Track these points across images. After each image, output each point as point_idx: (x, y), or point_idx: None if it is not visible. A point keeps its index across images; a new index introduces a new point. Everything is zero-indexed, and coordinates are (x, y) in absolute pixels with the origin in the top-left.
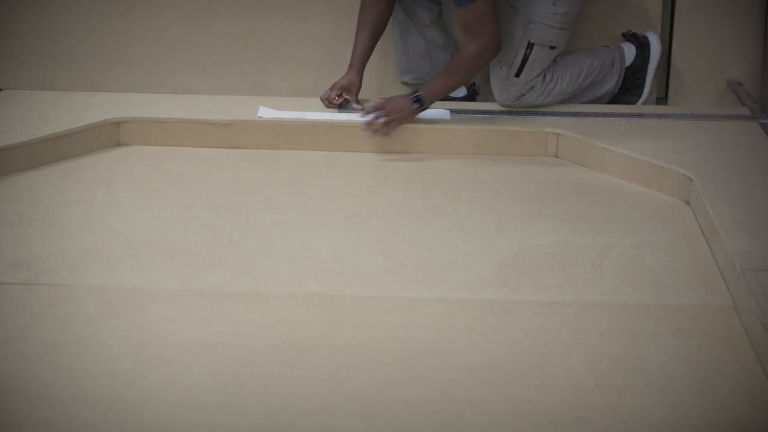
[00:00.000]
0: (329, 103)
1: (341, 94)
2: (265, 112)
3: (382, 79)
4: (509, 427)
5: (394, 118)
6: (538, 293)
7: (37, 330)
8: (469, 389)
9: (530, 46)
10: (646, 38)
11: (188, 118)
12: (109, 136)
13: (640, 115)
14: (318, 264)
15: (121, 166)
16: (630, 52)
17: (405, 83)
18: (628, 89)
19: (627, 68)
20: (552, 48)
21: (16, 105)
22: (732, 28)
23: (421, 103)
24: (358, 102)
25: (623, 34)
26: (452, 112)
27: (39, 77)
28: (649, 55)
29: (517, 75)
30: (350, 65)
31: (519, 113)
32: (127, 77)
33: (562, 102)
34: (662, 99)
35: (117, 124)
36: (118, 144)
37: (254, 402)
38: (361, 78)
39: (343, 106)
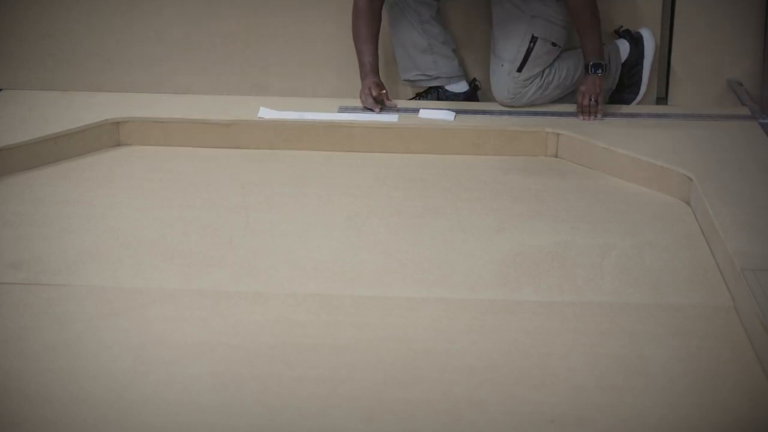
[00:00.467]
0: (373, 102)
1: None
2: (266, 113)
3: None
4: (509, 427)
5: (599, 94)
6: (538, 293)
7: (37, 330)
8: (469, 389)
9: (534, 39)
10: (639, 34)
11: (188, 118)
12: (109, 136)
13: (639, 115)
14: (318, 264)
15: (121, 166)
16: (624, 48)
17: (408, 81)
18: (625, 86)
19: (623, 64)
20: (554, 45)
21: (16, 105)
22: (732, 28)
23: (603, 68)
24: (389, 98)
25: (616, 31)
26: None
27: (39, 77)
28: (643, 50)
29: (519, 70)
30: (365, 73)
31: (519, 113)
32: (127, 77)
33: (562, 101)
34: (662, 99)
35: (117, 124)
36: (118, 144)
37: (254, 402)
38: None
39: (382, 107)
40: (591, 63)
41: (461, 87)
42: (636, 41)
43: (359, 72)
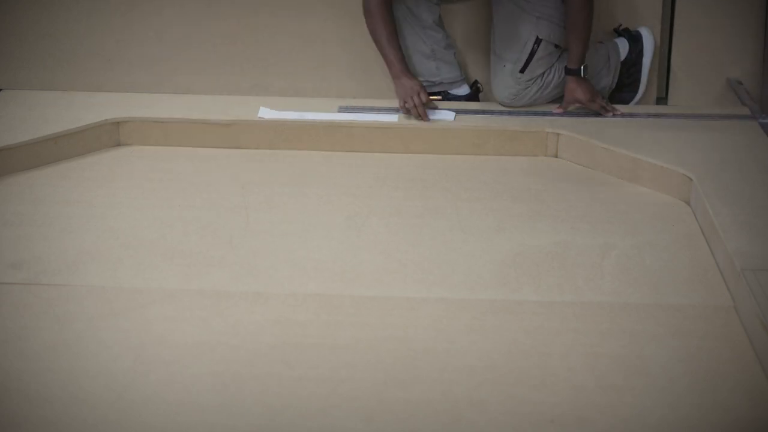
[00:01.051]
0: (422, 111)
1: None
2: (266, 113)
3: (383, 86)
4: (509, 427)
5: (594, 94)
6: (538, 293)
7: (37, 330)
8: (469, 389)
9: (538, 41)
10: (638, 33)
11: (188, 118)
12: (109, 136)
13: (639, 115)
14: (318, 264)
15: (121, 166)
16: (623, 47)
17: None
18: (624, 84)
19: (621, 63)
20: (556, 47)
21: (16, 105)
22: (732, 28)
23: (586, 71)
24: (429, 98)
25: (615, 30)
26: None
27: (39, 77)
28: (642, 48)
29: (522, 71)
30: (401, 72)
31: (519, 113)
32: (127, 77)
33: (562, 101)
34: (662, 99)
35: (117, 124)
36: (118, 144)
37: (254, 402)
38: None
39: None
40: (575, 69)
41: (463, 90)
42: (635, 40)
43: (389, 72)
